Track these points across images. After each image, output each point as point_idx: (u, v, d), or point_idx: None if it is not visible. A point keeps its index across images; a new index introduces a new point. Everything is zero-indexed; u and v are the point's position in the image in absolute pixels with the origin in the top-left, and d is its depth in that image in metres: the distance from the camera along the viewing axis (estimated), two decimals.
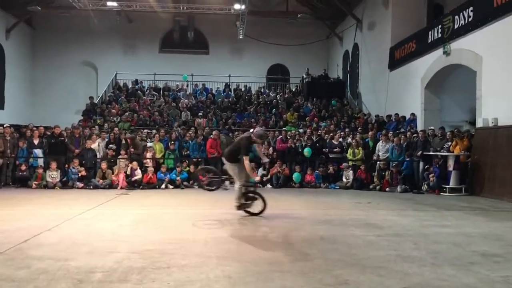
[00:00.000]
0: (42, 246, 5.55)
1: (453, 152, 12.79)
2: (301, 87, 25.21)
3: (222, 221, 7.65)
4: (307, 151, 14.85)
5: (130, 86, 23.74)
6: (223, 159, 8.37)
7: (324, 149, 15.26)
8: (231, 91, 24.04)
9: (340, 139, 15.52)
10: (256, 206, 8.08)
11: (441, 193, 12.59)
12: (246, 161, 7.75)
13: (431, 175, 13.07)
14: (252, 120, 19.45)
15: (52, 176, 13.38)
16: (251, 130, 8.35)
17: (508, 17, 11.69)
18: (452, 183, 12.61)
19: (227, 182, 9.81)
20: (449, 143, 13.07)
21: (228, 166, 8.11)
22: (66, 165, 14.11)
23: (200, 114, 19.18)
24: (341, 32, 25.97)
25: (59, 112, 23.22)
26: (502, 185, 11.40)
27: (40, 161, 14.01)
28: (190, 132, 15.76)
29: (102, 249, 5.40)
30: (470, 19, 13.47)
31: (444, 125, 14.86)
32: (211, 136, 15.10)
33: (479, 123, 12.89)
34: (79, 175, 13.56)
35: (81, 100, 23.03)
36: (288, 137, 15.63)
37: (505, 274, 4.49)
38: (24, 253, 5.18)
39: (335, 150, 15.12)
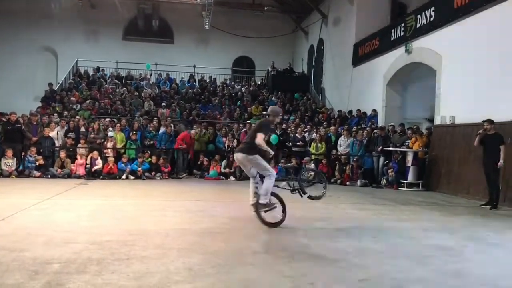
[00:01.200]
0: None
1: (412, 148, 13.15)
2: (266, 80, 25.29)
3: (184, 212, 7.60)
4: (273, 138, 14.90)
5: (91, 73, 23.14)
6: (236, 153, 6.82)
7: (287, 143, 15.38)
8: (195, 82, 23.83)
9: (304, 133, 15.69)
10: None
11: (399, 188, 12.94)
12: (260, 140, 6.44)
13: (390, 170, 13.40)
14: (217, 112, 19.38)
15: (8, 164, 12.93)
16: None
17: (467, 19, 12.08)
18: (410, 179, 12.98)
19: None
20: (409, 140, 13.41)
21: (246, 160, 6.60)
22: (23, 153, 13.66)
23: (163, 104, 18.93)
24: (307, 27, 26.16)
25: (16, 98, 22.31)
26: (458, 181, 11.82)
27: None
28: (154, 123, 15.56)
29: (59, 240, 5.26)
30: (431, 19, 13.83)
31: (404, 122, 15.26)
32: (190, 131, 14.93)
33: (438, 121, 13.28)
34: (37, 164, 13.16)
35: (39, 87, 22.25)
36: None
37: (457, 267, 4.66)
38: None
39: (298, 143, 15.28)
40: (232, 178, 14.31)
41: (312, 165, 14.58)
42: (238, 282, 3.96)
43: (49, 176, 12.88)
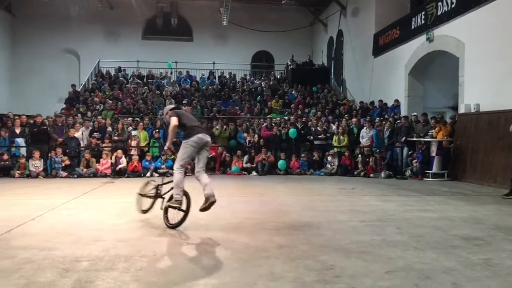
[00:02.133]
0: (26, 235, 5.50)
1: (436, 138, 12.95)
2: (285, 74, 25.21)
3: None
4: (291, 132, 14.93)
5: (113, 73, 23.45)
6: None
7: (308, 136, 15.34)
8: (215, 79, 23.93)
9: (325, 126, 15.62)
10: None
11: (424, 179, 12.76)
12: None
13: (414, 161, 13.23)
14: (237, 107, 19.42)
15: (35, 165, 13.24)
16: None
17: (490, 4, 11.81)
18: (434, 169, 12.79)
19: None
20: (432, 130, 13.23)
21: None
22: (49, 154, 13.96)
23: (184, 101, 19.06)
24: (326, 19, 25.95)
25: (41, 100, 22.87)
26: (483, 170, 11.60)
27: (23, 150, 13.84)
28: None
29: (88, 238, 5.38)
30: (453, 6, 13.56)
31: (427, 111, 15.04)
32: (219, 148, 14.91)
33: (462, 109, 13.04)
34: (63, 164, 13.44)
35: (63, 88, 22.72)
36: (273, 124, 15.65)
37: (485, 257, 4.58)
38: (8, 243, 5.13)
39: (319, 136, 15.21)
40: (254, 173, 14.35)
41: (336, 159, 14.52)
42: (264, 275, 3.98)
43: (75, 176, 13.15)
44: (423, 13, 15.36)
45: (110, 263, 4.30)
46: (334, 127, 15.72)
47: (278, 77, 25.33)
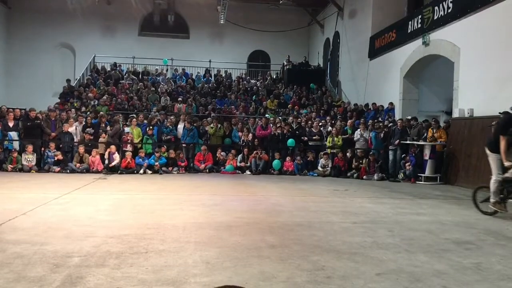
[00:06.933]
0: (17, 230, 5.47)
1: (429, 141, 13.01)
2: (281, 74, 25.22)
3: (200, 206, 7.66)
4: (290, 142, 14.90)
5: (108, 69, 23.35)
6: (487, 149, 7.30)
7: (303, 137, 15.33)
8: (211, 77, 23.90)
9: (319, 127, 15.61)
10: None
11: (417, 182, 12.82)
12: (502, 141, 6.86)
13: (407, 164, 13.28)
14: (232, 106, 19.41)
15: (28, 159, 13.16)
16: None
17: (486, 10, 11.88)
18: (427, 172, 12.85)
19: None
20: (426, 133, 13.29)
21: (491, 158, 7.27)
22: (42, 149, 13.87)
23: (179, 99, 19.04)
24: (323, 20, 26.01)
25: (36, 94, 22.78)
26: (476, 174, 11.65)
27: (16, 144, 13.75)
28: (172, 118, 15.67)
29: (79, 233, 5.35)
30: (449, 10, 13.63)
31: (421, 115, 15.13)
32: (202, 149, 14.60)
33: (455, 114, 13.11)
34: (55, 159, 13.37)
35: (58, 83, 22.68)
36: (270, 124, 15.61)
37: (476, 261, 4.61)
38: None
39: (314, 137, 15.22)
40: (248, 172, 14.35)
41: (329, 161, 14.49)
42: (255, 275, 3.98)
43: (68, 171, 13.09)
44: (419, 17, 15.43)
45: (101, 259, 4.29)
46: (329, 127, 15.74)
47: (274, 77, 25.34)
